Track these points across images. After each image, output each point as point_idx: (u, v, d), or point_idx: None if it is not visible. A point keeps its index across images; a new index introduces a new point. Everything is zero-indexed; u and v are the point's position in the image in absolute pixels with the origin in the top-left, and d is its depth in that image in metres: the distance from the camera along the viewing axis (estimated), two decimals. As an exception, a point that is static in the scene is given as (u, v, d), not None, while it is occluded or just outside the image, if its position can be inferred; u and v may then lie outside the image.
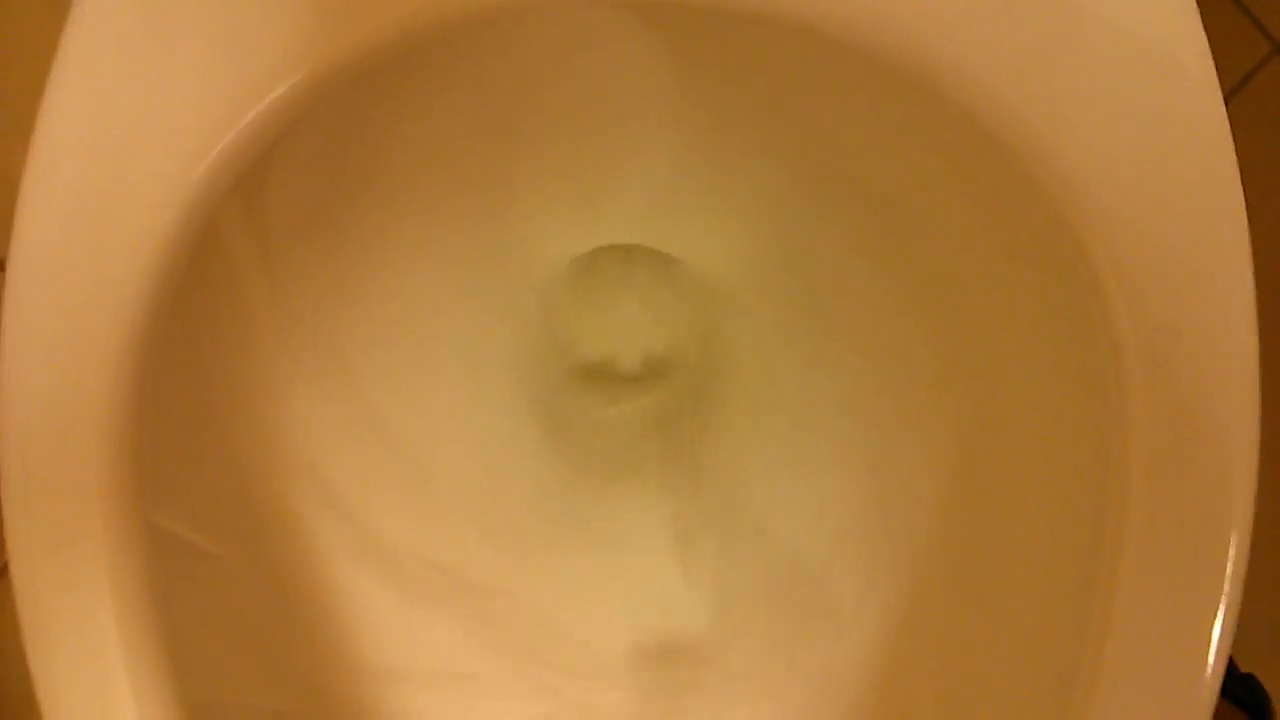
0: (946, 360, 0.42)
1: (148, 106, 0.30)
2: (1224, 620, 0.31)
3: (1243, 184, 0.31)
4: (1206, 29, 0.31)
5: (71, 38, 0.31)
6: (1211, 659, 0.31)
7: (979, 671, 0.40)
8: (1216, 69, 0.31)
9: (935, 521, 0.43)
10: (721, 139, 0.43)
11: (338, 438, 0.44)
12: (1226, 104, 0.31)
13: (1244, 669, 0.54)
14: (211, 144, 0.30)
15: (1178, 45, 0.31)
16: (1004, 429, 0.40)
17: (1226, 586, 0.31)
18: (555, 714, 0.47)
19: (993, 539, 0.40)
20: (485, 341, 0.52)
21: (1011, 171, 0.31)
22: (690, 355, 0.60)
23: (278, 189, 0.36)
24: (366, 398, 0.45)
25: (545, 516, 0.53)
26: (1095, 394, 0.33)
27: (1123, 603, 0.31)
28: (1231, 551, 0.31)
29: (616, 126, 0.43)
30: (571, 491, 0.55)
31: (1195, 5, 0.31)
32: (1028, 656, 0.37)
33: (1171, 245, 0.31)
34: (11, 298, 0.32)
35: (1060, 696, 0.33)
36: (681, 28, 0.37)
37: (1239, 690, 0.53)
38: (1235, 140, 0.31)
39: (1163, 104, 0.31)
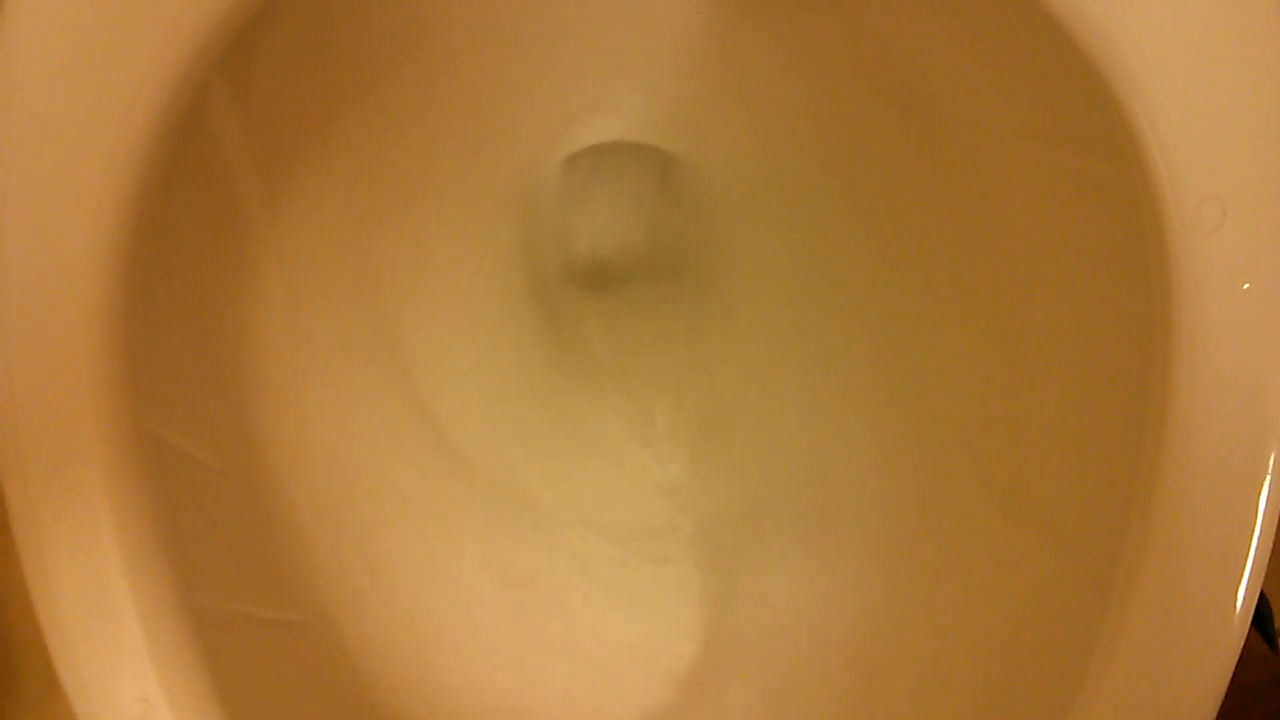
0: (968, 253, 0.41)
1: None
2: (1265, 514, 0.30)
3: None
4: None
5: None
6: (1250, 561, 0.30)
7: (1006, 571, 0.39)
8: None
9: (954, 418, 0.42)
10: (737, 25, 0.41)
11: (332, 341, 0.43)
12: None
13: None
14: (192, 14, 0.28)
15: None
16: (1032, 320, 0.39)
17: (1269, 476, 0.30)
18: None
19: (1021, 435, 0.39)
20: (482, 240, 0.50)
21: (1054, 40, 0.30)
22: (687, 257, 0.59)
23: (264, 71, 0.34)
24: (360, 295, 0.44)
25: (543, 416, 0.52)
26: (1134, 282, 0.32)
27: (1165, 500, 0.30)
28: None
29: (626, 12, 0.41)
30: (567, 391, 0.54)
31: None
32: (1060, 557, 0.37)
33: (1216, 116, 0.29)
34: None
35: (1096, 598, 0.32)
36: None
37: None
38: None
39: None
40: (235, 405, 0.39)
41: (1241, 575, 0.30)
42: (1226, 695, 0.31)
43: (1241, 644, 0.31)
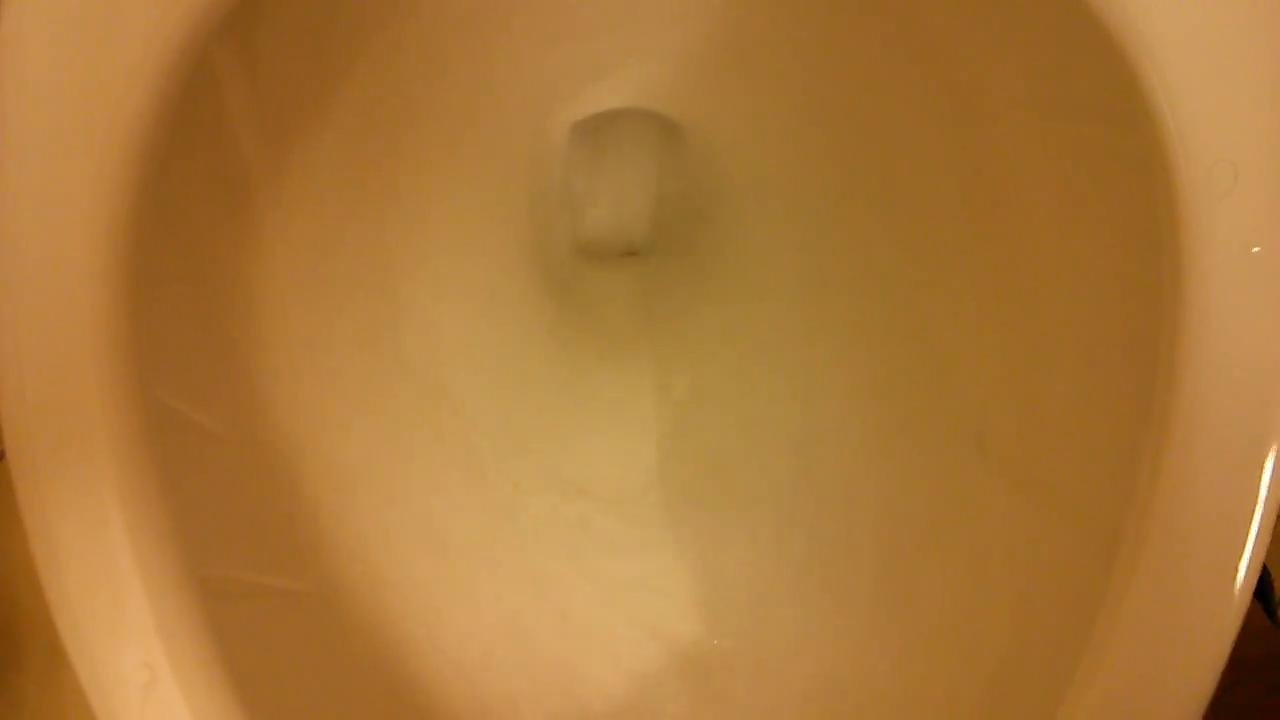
0: (979, 227, 0.41)
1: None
2: (1270, 482, 0.30)
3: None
4: None
5: None
6: (1254, 531, 0.30)
7: (1010, 542, 0.39)
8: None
9: (959, 393, 0.42)
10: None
11: (339, 310, 0.42)
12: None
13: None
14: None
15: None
16: (1043, 293, 0.38)
17: (1276, 443, 0.30)
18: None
19: (1031, 408, 0.39)
20: (489, 206, 0.50)
21: (1068, 6, 0.29)
22: (693, 226, 0.59)
23: (270, 33, 0.34)
24: (367, 264, 0.43)
25: (547, 383, 0.52)
26: (1146, 251, 0.32)
27: (1170, 468, 0.30)
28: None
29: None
30: (575, 363, 0.54)
31: None
32: (1064, 525, 0.37)
33: (1229, 80, 0.29)
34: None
35: (1099, 567, 0.32)
36: None
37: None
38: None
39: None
40: (244, 374, 0.39)
41: (1244, 546, 0.30)
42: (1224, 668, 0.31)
43: (1243, 616, 0.31)
